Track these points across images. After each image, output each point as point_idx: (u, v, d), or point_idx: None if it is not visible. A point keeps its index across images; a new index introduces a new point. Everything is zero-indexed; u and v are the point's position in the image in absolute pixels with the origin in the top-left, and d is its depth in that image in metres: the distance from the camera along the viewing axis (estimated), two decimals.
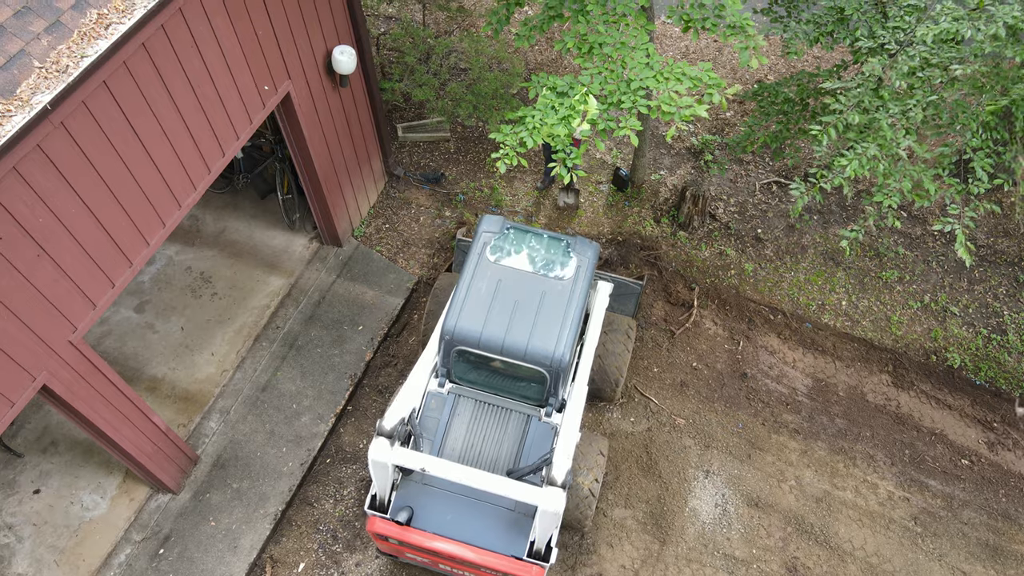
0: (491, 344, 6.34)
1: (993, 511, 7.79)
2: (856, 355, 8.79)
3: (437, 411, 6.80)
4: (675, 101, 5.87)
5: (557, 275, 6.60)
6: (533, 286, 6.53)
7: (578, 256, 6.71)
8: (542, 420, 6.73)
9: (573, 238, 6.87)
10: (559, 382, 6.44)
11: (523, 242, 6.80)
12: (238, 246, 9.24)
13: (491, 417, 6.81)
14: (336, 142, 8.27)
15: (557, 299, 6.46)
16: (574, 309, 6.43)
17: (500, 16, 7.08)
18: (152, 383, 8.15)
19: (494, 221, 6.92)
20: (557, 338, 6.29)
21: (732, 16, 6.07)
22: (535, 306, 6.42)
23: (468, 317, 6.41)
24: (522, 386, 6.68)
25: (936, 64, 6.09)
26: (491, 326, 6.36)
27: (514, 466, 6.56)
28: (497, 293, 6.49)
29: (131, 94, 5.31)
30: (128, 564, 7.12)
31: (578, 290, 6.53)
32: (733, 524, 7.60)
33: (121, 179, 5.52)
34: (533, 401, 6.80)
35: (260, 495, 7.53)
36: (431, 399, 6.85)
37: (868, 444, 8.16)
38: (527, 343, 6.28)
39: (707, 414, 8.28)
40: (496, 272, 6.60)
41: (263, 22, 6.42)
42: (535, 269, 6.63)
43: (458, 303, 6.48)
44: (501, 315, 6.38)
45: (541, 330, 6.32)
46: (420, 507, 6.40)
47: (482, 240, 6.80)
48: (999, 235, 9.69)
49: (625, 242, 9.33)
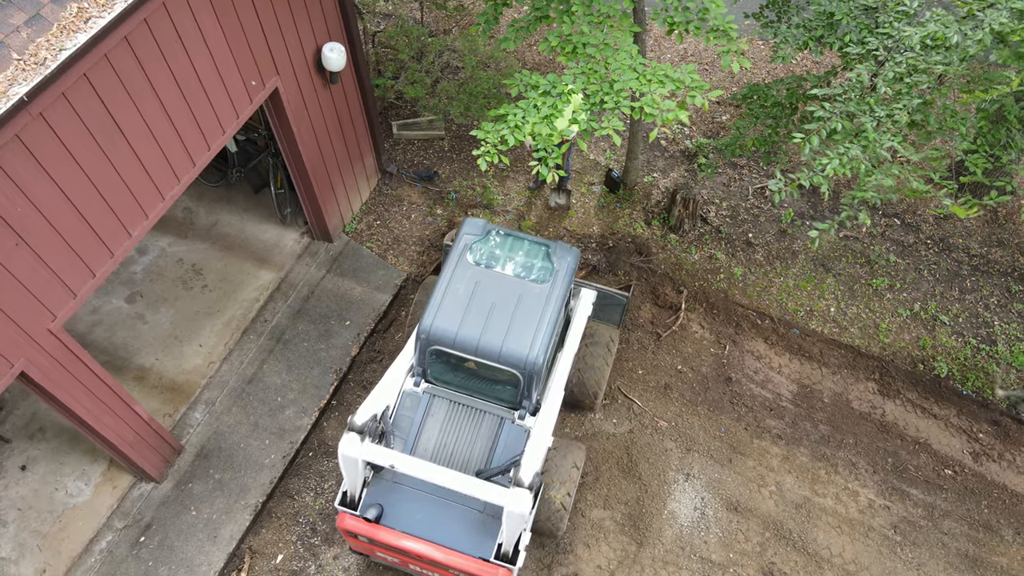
0: (466, 344, 6.38)
1: (974, 522, 7.76)
2: (843, 362, 8.76)
3: (412, 410, 6.82)
4: (657, 104, 5.88)
5: (535, 279, 6.61)
6: (510, 289, 6.55)
7: (557, 261, 6.71)
8: (515, 423, 6.74)
9: (554, 243, 6.88)
10: (532, 385, 6.46)
11: (503, 246, 6.83)
12: (230, 239, 9.32)
13: (465, 418, 6.84)
14: (327, 138, 8.32)
15: (534, 302, 6.49)
16: (550, 313, 6.45)
17: (488, 17, 7.12)
18: (140, 372, 8.24)
19: (476, 224, 6.95)
20: (532, 341, 6.31)
21: (715, 20, 6.08)
22: (511, 308, 6.44)
23: (444, 317, 6.44)
24: (497, 388, 6.71)
25: (923, 70, 6.08)
26: (467, 327, 6.39)
27: (485, 468, 6.57)
28: (475, 295, 6.52)
29: (113, 87, 5.38)
30: (109, 551, 7.21)
31: (555, 294, 6.54)
32: (711, 528, 7.61)
33: (103, 170, 5.59)
34: (507, 403, 6.82)
35: (241, 486, 7.60)
36: (406, 398, 6.88)
37: (851, 451, 8.14)
38: (501, 345, 6.31)
39: (690, 417, 8.29)
40: (475, 274, 6.64)
41: (250, 18, 6.47)
42: (513, 272, 6.65)
43: (435, 303, 6.52)
44: (477, 316, 6.41)
45: (516, 332, 6.34)
46: (390, 505, 6.43)
47: (463, 242, 6.82)
48: (992, 245, 9.64)
49: (614, 247, 9.30)
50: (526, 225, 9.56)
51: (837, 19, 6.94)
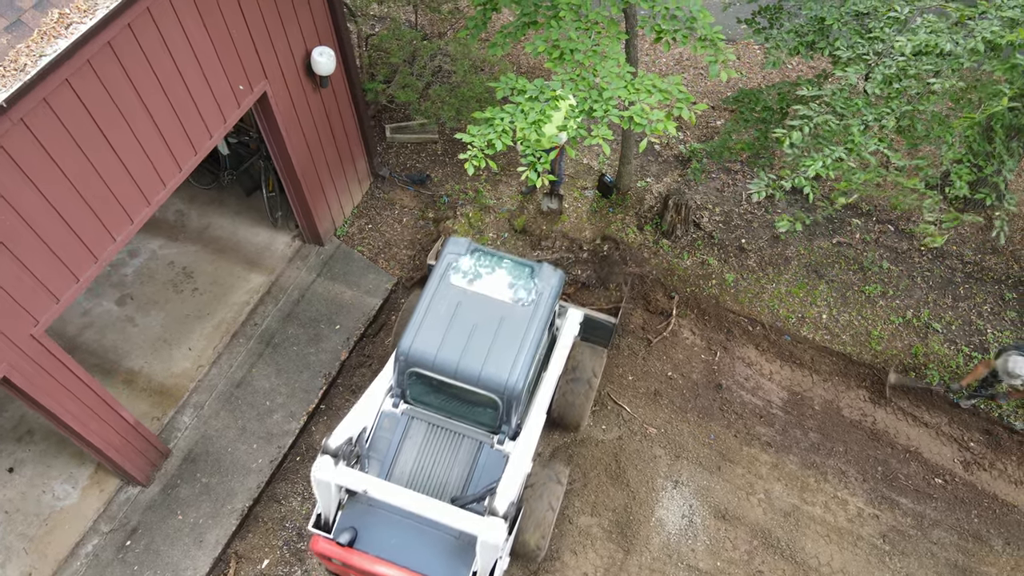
0: (445, 367, 6.25)
1: (964, 531, 7.72)
2: (834, 369, 8.73)
3: (390, 431, 6.68)
4: (646, 114, 5.84)
5: (517, 301, 6.47)
6: (492, 311, 6.41)
7: (541, 283, 6.58)
8: (494, 447, 6.62)
9: (538, 264, 6.74)
10: (512, 409, 6.33)
11: (486, 266, 6.68)
12: (221, 242, 9.31)
13: (443, 441, 6.70)
14: (317, 142, 8.31)
15: (515, 325, 6.35)
16: (532, 336, 6.32)
17: (477, 22, 7.09)
18: (129, 376, 8.23)
19: (459, 243, 6.81)
20: (512, 365, 6.18)
21: (703, 29, 6.05)
22: (492, 331, 6.30)
23: (424, 339, 6.31)
24: (476, 411, 6.58)
25: (913, 75, 6.05)
26: (446, 349, 6.26)
27: (462, 493, 6.48)
28: (455, 316, 6.38)
29: (96, 92, 5.36)
30: (95, 555, 7.21)
31: (538, 317, 6.41)
32: (699, 535, 7.58)
33: (87, 176, 5.58)
34: (487, 427, 6.70)
35: (228, 491, 7.59)
36: (384, 418, 6.74)
37: (841, 459, 8.11)
38: (481, 368, 6.17)
39: (679, 424, 8.26)
40: (456, 295, 6.50)
41: (237, 23, 6.46)
42: (496, 294, 6.51)
43: (415, 324, 6.39)
44: (457, 338, 6.28)
45: (496, 356, 6.20)
46: (365, 529, 6.30)
47: (445, 262, 6.68)
48: (987, 252, 9.59)
49: (605, 259, 9.16)
50: (519, 223, 9.51)
51: (828, 24, 6.92)
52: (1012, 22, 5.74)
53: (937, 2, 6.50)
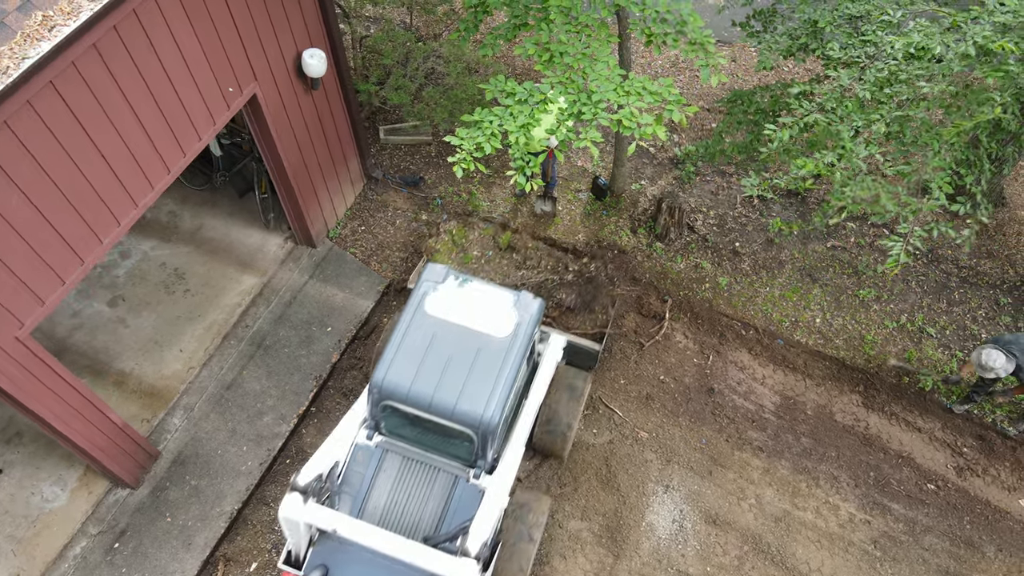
0: (419, 401, 6.06)
1: (956, 538, 7.68)
2: (827, 374, 8.69)
3: (363, 465, 6.48)
4: (636, 117, 5.81)
5: (495, 332, 6.26)
6: (468, 342, 6.20)
7: (520, 313, 6.38)
8: (470, 482, 6.41)
9: (517, 293, 6.53)
10: (487, 444, 6.15)
11: (463, 294, 6.47)
12: (214, 243, 9.29)
13: (418, 475, 6.51)
14: (308, 144, 8.28)
15: (492, 357, 6.14)
16: (509, 369, 6.12)
17: (469, 24, 7.07)
18: (119, 377, 8.21)
19: (436, 271, 6.61)
20: (488, 399, 5.98)
21: (693, 33, 6.02)
22: (468, 363, 6.10)
23: (397, 371, 6.12)
24: (452, 444, 6.40)
25: (904, 80, 6.02)
26: (420, 382, 6.06)
27: (435, 530, 6.30)
28: (431, 347, 6.19)
29: (82, 95, 5.34)
30: (83, 557, 7.19)
31: (516, 348, 6.21)
32: (689, 540, 7.55)
33: (72, 178, 5.56)
34: (463, 461, 6.50)
35: (218, 493, 7.57)
36: (358, 451, 6.54)
37: (833, 465, 8.07)
38: (456, 402, 5.98)
39: (671, 428, 8.23)
40: (432, 325, 6.29)
41: (226, 25, 6.43)
42: (472, 324, 6.30)
43: (389, 355, 6.20)
44: (432, 370, 6.08)
45: (472, 389, 6.00)
46: (336, 566, 6.11)
47: (422, 290, 6.49)
48: (982, 256, 9.55)
49: (592, 280, 8.83)
50: (503, 240, 9.36)
51: (821, 27, 6.89)
52: (1004, 27, 5.71)
53: (930, 6, 6.46)
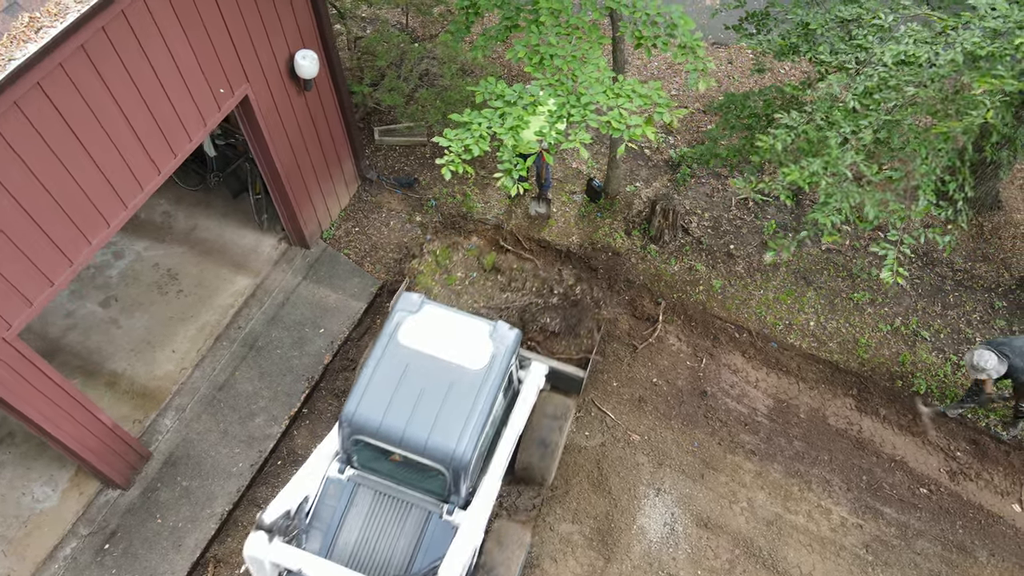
0: (390, 435, 5.94)
1: (948, 542, 7.66)
2: (820, 377, 8.67)
3: (335, 499, 6.33)
4: (624, 119, 5.80)
5: (469, 364, 6.13)
6: (442, 374, 6.08)
7: (496, 344, 6.25)
8: (443, 518, 6.26)
9: (494, 323, 6.42)
10: (460, 480, 6.02)
11: (438, 324, 6.35)
12: (207, 244, 9.29)
13: (390, 511, 6.36)
14: (302, 145, 8.28)
15: (466, 390, 6.01)
16: (483, 402, 6.00)
17: (460, 26, 7.06)
18: (112, 378, 8.21)
19: (411, 300, 6.50)
20: (460, 433, 5.85)
21: (683, 36, 6.00)
22: (441, 396, 5.98)
23: (369, 404, 6.01)
24: (425, 479, 6.26)
25: (893, 86, 6.00)
26: (392, 415, 5.93)
27: (406, 569, 6.15)
28: (403, 379, 6.06)
29: (70, 96, 5.34)
30: (73, 558, 7.19)
31: (491, 381, 6.08)
32: (680, 544, 7.54)
33: (60, 180, 5.56)
34: (436, 496, 6.35)
35: (208, 494, 7.57)
36: (330, 485, 6.39)
37: (825, 468, 8.05)
38: (427, 437, 5.86)
39: (663, 431, 8.21)
40: (405, 356, 6.17)
41: (217, 25, 6.43)
42: (446, 355, 6.17)
43: (360, 387, 6.08)
44: (404, 404, 5.96)
45: (444, 423, 5.87)
46: None
47: (395, 319, 6.36)
48: (977, 260, 9.52)
49: (577, 304, 8.65)
50: (488, 261, 9.13)
51: (812, 29, 6.87)
52: (994, 32, 5.68)
53: (922, 11, 6.44)
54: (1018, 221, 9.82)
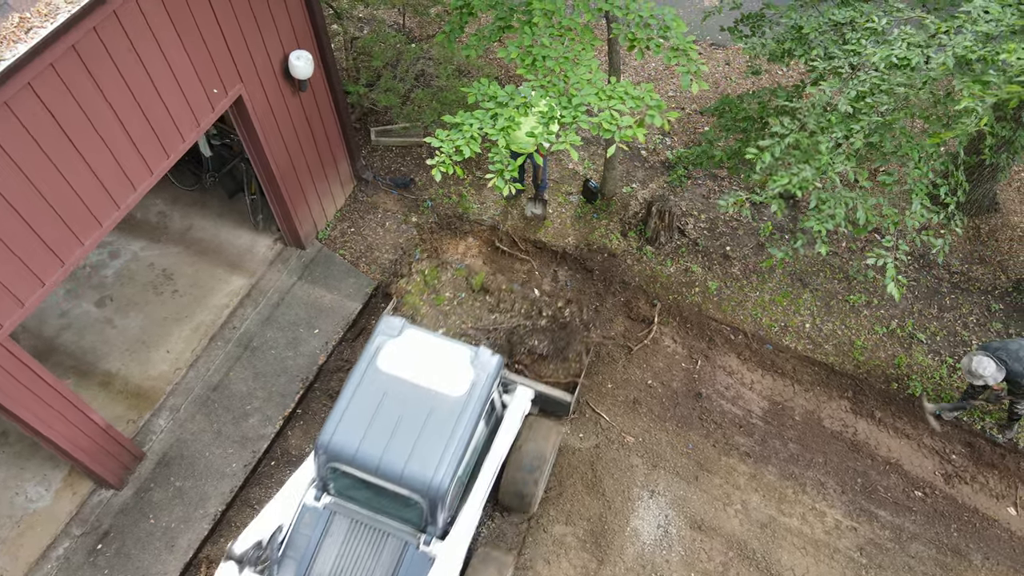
0: (366, 464, 5.83)
1: (943, 545, 7.64)
2: (816, 379, 8.65)
3: (310, 527, 6.21)
4: (616, 120, 5.79)
5: (449, 391, 6.04)
6: (420, 401, 5.98)
7: (477, 371, 6.15)
8: (420, 548, 6.15)
9: (475, 349, 6.30)
10: (437, 510, 5.92)
11: (418, 349, 6.25)
12: (203, 244, 9.29)
13: (366, 540, 6.22)
14: (296, 146, 8.27)
15: (445, 418, 5.91)
16: (462, 430, 5.89)
17: (454, 26, 7.06)
18: (106, 378, 8.21)
19: (392, 324, 6.41)
20: (437, 463, 5.75)
21: (676, 39, 5.99)
22: (419, 424, 5.88)
23: (345, 431, 5.91)
24: (402, 508, 6.15)
25: (886, 90, 5.99)
26: (368, 443, 5.83)
27: None
28: (381, 406, 5.97)
29: (61, 96, 5.34)
30: (66, 558, 7.19)
31: (470, 409, 5.98)
32: (674, 546, 7.52)
33: (51, 180, 5.55)
34: (413, 525, 6.23)
35: (201, 495, 7.57)
36: (306, 513, 6.28)
37: (820, 471, 8.03)
38: (404, 466, 5.76)
39: (658, 433, 8.20)
40: (383, 382, 6.08)
41: (210, 26, 6.43)
42: (425, 382, 6.08)
43: (337, 414, 5.99)
44: (381, 431, 5.87)
45: (421, 452, 5.77)
46: None
47: (375, 343, 6.27)
48: (974, 262, 9.50)
49: (566, 327, 8.47)
50: (477, 281, 8.93)
51: (806, 32, 6.85)
52: (986, 36, 5.66)
53: (916, 13, 6.42)
54: (1015, 223, 9.81)
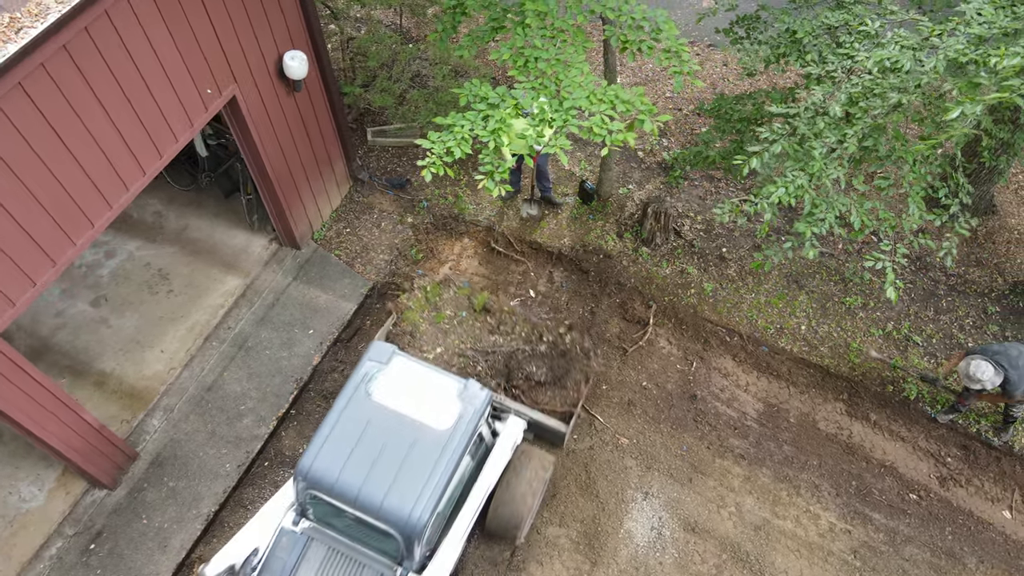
0: (345, 494, 5.70)
1: (937, 548, 7.61)
2: (811, 381, 8.63)
3: (286, 552, 6.06)
4: (606, 124, 5.79)
5: (434, 423, 5.90)
6: (404, 432, 5.84)
7: (464, 404, 6.01)
8: None
9: (465, 381, 6.16)
10: (413, 545, 5.76)
11: (406, 378, 6.13)
12: (199, 244, 9.30)
13: (342, 568, 6.06)
14: (291, 146, 8.27)
15: (428, 451, 5.75)
16: (445, 464, 5.75)
17: (446, 27, 7.05)
18: (100, 378, 8.21)
19: (382, 350, 6.29)
20: (417, 498, 5.59)
21: (668, 41, 5.98)
22: (402, 456, 5.74)
23: (326, 458, 5.77)
24: (380, 539, 5.99)
25: (879, 94, 5.97)
26: (348, 472, 5.69)
27: None
28: (364, 434, 5.83)
29: (52, 96, 5.34)
30: (59, 557, 7.19)
31: (455, 443, 5.83)
32: (667, 548, 7.51)
33: (42, 180, 5.55)
34: (391, 557, 6.05)
35: (195, 495, 7.57)
36: (283, 536, 6.14)
37: (814, 473, 8.01)
38: (383, 499, 5.60)
39: (652, 435, 8.19)
40: (368, 410, 5.95)
41: (203, 26, 6.43)
42: (411, 412, 5.94)
43: (319, 440, 5.87)
44: (362, 461, 5.72)
45: (402, 485, 5.61)
46: None
47: (363, 370, 6.17)
48: (971, 264, 9.47)
49: (566, 354, 8.06)
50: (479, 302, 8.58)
51: (799, 37, 6.84)
52: (979, 39, 5.64)
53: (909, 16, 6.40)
54: (1012, 226, 9.78)
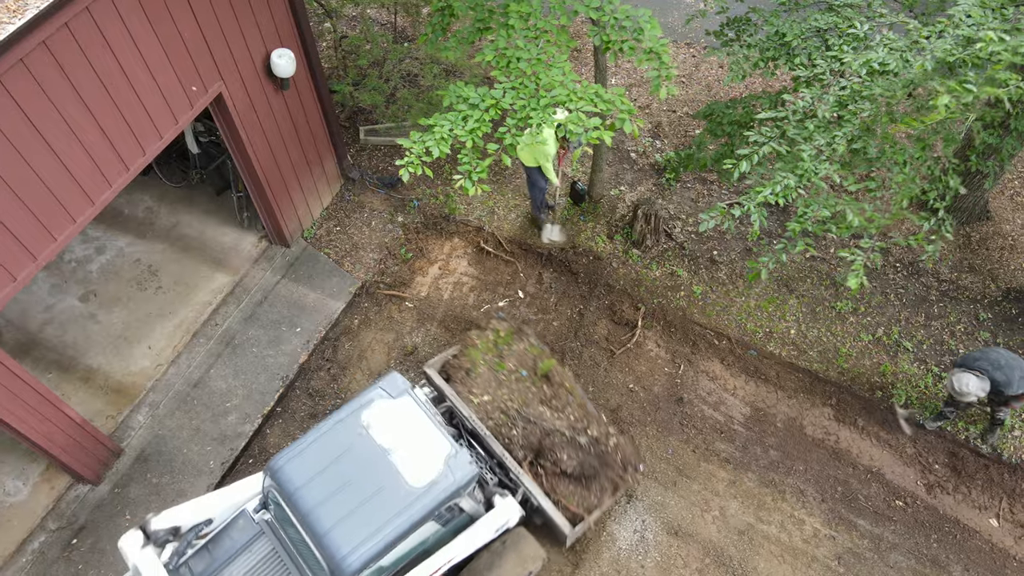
0: (299, 507, 5.53)
1: (922, 556, 7.56)
2: (799, 386, 8.59)
3: (238, 534, 5.94)
4: (583, 121, 5.77)
5: (408, 476, 5.67)
6: (378, 473, 5.66)
7: (446, 470, 5.73)
8: None
9: (458, 449, 5.92)
10: None
11: (404, 420, 5.98)
12: (189, 241, 9.31)
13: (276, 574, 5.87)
14: (280, 144, 8.28)
15: (391, 502, 5.51)
16: (401, 522, 5.46)
17: (435, 27, 7.04)
18: (87, 373, 8.24)
19: (396, 382, 6.18)
20: (360, 543, 5.31)
21: (650, 41, 5.96)
22: (365, 496, 5.53)
23: (298, 465, 5.67)
24: (316, 565, 5.68)
25: (867, 96, 5.93)
26: (312, 488, 5.54)
27: None
28: (341, 458, 5.72)
29: (32, 92, 5.35)
30: (41, 552, 7.21)
31: (419, 504, 5.54)
32: (650, 552, 7.48)
33: (23, 176, 5.56)
34: None
35: (178, 491, 7.57)
36: (241, 518, 6.06)
37: (800, 478, 7.97)
38: (329, 529, 5.38)
39: (637, 437, 8.15)
40: (354, 436, 5.84)
41: (188, 23, 6.43)
42: (393, 455, 5.78)
43: (300, 445, 5.81)
44: (328, 484, 5.57)
45: (352, 524, 5.39)
46: None
47: (370, 395, 6.10)
48: (964, 270, 9.41)
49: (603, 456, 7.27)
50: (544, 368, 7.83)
51: (788, 40, 6.80)
52: (967, 40, 5.60)
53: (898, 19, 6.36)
54: (1006, 232, 9.71)
